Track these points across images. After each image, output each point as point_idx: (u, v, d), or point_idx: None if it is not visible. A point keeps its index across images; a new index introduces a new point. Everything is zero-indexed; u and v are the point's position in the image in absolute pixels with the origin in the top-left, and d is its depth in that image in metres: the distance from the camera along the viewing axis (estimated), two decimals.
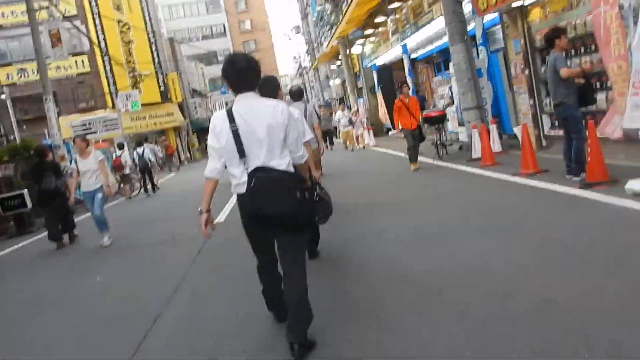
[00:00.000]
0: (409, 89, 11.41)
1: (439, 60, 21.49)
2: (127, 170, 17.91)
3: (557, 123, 8.45)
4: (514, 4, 9.33)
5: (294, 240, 3.37)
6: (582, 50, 8.27)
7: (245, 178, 3.19)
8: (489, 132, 10.17)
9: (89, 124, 27.69)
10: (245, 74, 3.26)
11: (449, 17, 11.54)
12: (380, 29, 22.71)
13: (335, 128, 24.53)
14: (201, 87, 51.66)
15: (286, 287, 3.38)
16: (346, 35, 26.35)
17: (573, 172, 6.64)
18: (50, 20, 18.40)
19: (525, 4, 9.28)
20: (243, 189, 3.22)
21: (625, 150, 7.44)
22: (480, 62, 12.13)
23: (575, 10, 8.36)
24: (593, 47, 7.94)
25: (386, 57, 23.59)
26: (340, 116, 21.46)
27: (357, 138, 21.05)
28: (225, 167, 3.34)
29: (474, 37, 12.63)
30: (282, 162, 3.23)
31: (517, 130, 9.06)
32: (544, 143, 9.84)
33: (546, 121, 9.84)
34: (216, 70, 60.37)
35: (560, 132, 9.36)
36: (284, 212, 3.15)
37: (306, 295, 3.34)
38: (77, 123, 27.26)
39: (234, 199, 3.89)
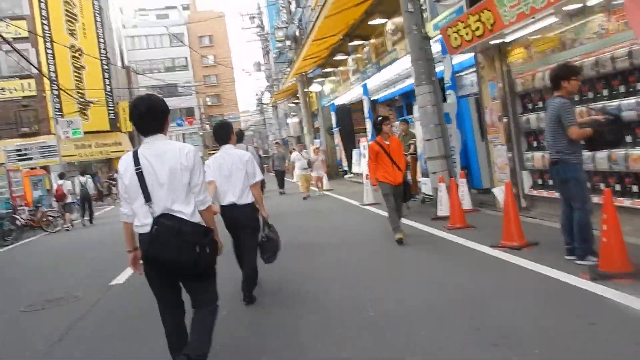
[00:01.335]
0: (391, 126, 8.04)
1: (402, 104, 20.49)
2: (69, 199, 17.61)
3: (553, 184, 6.98)
4: (493, 42, 8.00)
5: (199, 285, 3.41)
6: (590, 95, 6.85)
7: (148, 220, 3.20)
8: (457, 186, 8.70)
9: (25, 149, 25.37)
10: (148, 117, 3.27)
11: (416, 54, 10.20)
12: (340, 68, 21.49)
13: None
14: None
15: (193, 324, 3.40)
16: (305, 73, 25.11)
17: (576, 253, 5.12)
18: None
19: (507, 40, 7.95)
20: (144, 230, 3.22)
21: None
22: (449, 107, 10.80)
23: (567, 52, 7.05)
24: (605, 93, 6.58)
25: (346, 97, 22.40)
26: (296, 157, 17.68)
27: (316, 181, 17.55)
28: None
29: (441, 80, 11.36)
30: (186, 208, 3.23)
31: (497, 192, 7.62)
32: (524, 204, 8.43)
33: (526, 178, 8.44)
34: (175, 102, 59.47)
35: (544, 193, 8.07)
36: (181, 262, 3.18)
37: (206, 339, 3.38)
38: (11, 148, 24.90)
39: None
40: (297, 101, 31.40)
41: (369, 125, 18.76)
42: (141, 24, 67.65)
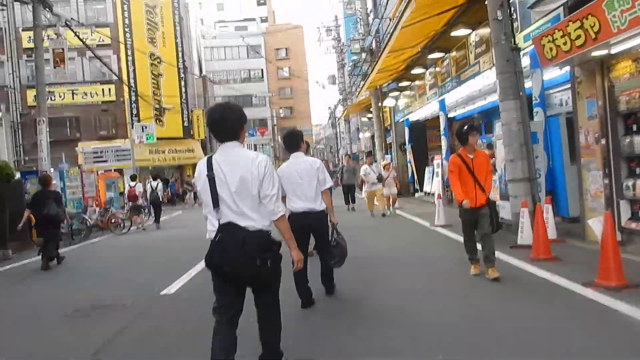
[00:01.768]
0: (477, 137, 6.61)
1: (480, 122, 19.47)
2: (140, 201, 18.25)
3: None
4: (595, 53, 7.07)
5: (260, 295, 3.45)
6: None
7: (214, 227, 3.23)
8: (542, 212, 7.75)
9: (101, 152, 26.10)
10: (221, 124, 3.32)
11: (502, 67, 9.36)
12: (416, 82, 20.72)
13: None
14: None
15: (261, 329, 3.53)
16: (379, 87, 24.47)
17: None
18: (56, 39, 16.76)
19: (612, 52, 7.00)
20: (212, 235, 3.24)
21: None
22: (536, 126, 9.83)
23: None
24: None
25: (421, 112, 21.54)
26: (366, 170, 15.72)
27: (387, 199, 15.74)
28: None
29: (529, 97, 10.42)
30: (254, 219, 3.21)
31: (593, 223, 6.64)
32: (619, 237, 7.39)
33: (625, 208, 7.42)
34: (249, 112, 59.70)
35: None
36: (239, 273, 3.20)
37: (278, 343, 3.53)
38: (88, 150, 25.69)
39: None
40: (370, 115, 30.79)
41: (444, 143, 17.90)
42: (220, 35, 69.33)
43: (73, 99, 33.18)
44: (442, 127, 18.06)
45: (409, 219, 14.27)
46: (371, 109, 27.89)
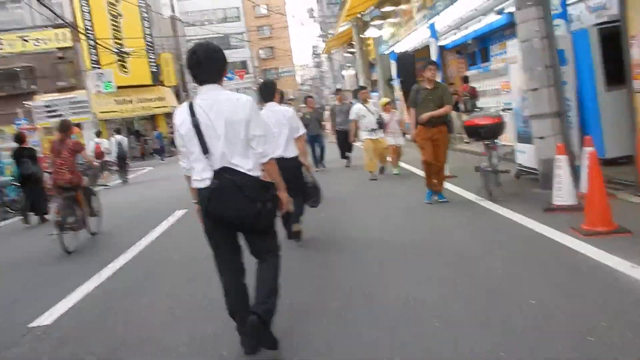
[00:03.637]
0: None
1: (475, 49, 17.04)
2: (107, 157, 17.64)
3: None
4: None
5: (258, 238, 3.31)
6: None
7: (207, 174, 3.10)
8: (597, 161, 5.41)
9: (55, 105, 23.31)
10: (205, 64, 3.15)
11: None
12: (402, 6, 18.00)
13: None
14: None
15: (256, 280, 3.27)
16: (360, 14, 21.66)
17: None
18: None
19: None
20: (203, 184, 3.12)
21: None
22: (564, 42, 7.38)
23: None
24: None
25: (408, 42, 18.95)
26: (361, 111, 10.91)
27: (392, 152, 11.16)
28: None
29: None
30: (246, 162, 3.12)
31: None
32: None
33: None
34: (227, 54, 56.47)
35: None
36: (242, 218, 3.11)
37: (273, 290, 3.25)
38: (39, 104, 22.89)
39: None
40: (352, 50, 28.04)
41: (438, 75, 15.40)
42: None
43: (24, 47, 29.99)
44: (433, 56, 15.47)
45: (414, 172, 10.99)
46: (353, 42, 25.13)
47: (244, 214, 3.08)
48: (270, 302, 3.21)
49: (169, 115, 34.11)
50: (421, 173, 10.17)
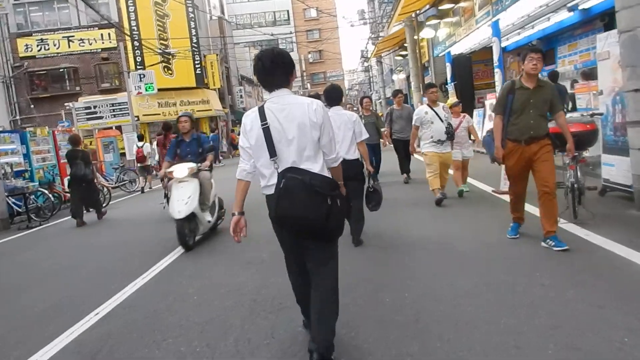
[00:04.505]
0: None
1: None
2: (148, 162, 17.41)
3: None
4: None
5: (324, 249, 3.20)
6: None
7: (274, 180, 3.08)
8: None
9: (95, 107, 22.66)
10: (273, 70, 3.14)
11: None
12: (462, 4, 16.36)
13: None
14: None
15: (314, 295, 3.20)
16: (414, 14, 20.09)
17: None
18: None
19: None
20: (271, 191, 3.10)
21: None
22: None
23: None
24: None
25: (466, 42, 17.32)
26: (425, 116, 8.04)
27: (456, 168, 8.67)
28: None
29: None
30: (315, 166, 3.08)
31: None
32: None
33: None
34: None
35: None
36: (312, 218, 3.00)
37: (335, 309, 3.22)
38: (80, 106, 22.30)
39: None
40: (404, 53, 26.45)
41: (498, 77, 13.75)
42: None
43: (69, 47, 29.75)
44: (495, 58, 13.86)
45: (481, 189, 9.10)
46: (405, 44, 23.56)
47: (314, 213, 2.98)
48: (330, 336, 3.13)
49: (212, 119, 33.34)
50: (489, 188, 8.80)
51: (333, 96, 6.01)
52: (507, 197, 6.24)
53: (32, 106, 29.12)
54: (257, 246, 6.31)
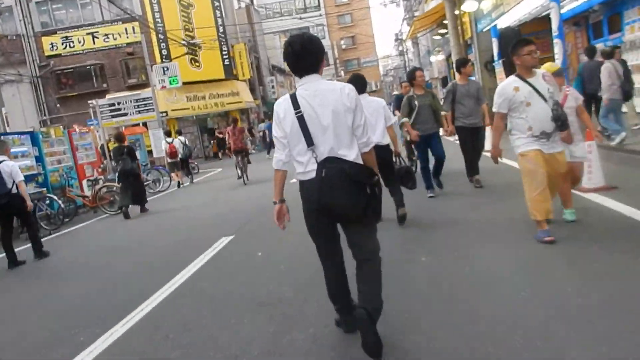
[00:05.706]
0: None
1: (601, 18, 13.61)
2: (179, 157, 17.46)
3: None
4: None
5: (364, 231, 3.22)
6: None
7: (312, 167, 3.08)
8: None
9: (118, 103, 21.62)
10: (303, 56, 3.13)
11: None
12: None
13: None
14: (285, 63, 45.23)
15: (362, 279, 3.20)
16: None
17: None
18: None
19: None
20: (309, 177, 3.10)
21: None
22: None
23: None
24: None
25: (515, 13, 15.48)
26: (516, 94, 4.80)
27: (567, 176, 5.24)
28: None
29: None
30: (351, 152, 3.09)
31: None
32: None
33: None
34: None
35: None
36: (353, 206, 3.04)
37: (379, 291, 3.19)
38: (103, 102, 21.31)
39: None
40: (443, 31, 24.58)
41: (558, 49, 11.91)
42: None
43: (94, 43, 28.90)
44: (554, 26, 11.99)
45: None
46: (445, 21, 21.72)
47: (355, 201, 3.00)
48: (378, 301, 3.14)
49: (243, 111, 32.08)
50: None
51: (359, 84, 5.75)
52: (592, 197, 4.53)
53: (57, 105, 28.44)
54: (276, 273, 4.90)
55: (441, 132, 8.05)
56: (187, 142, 18.41)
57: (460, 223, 6.11)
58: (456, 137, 8.43)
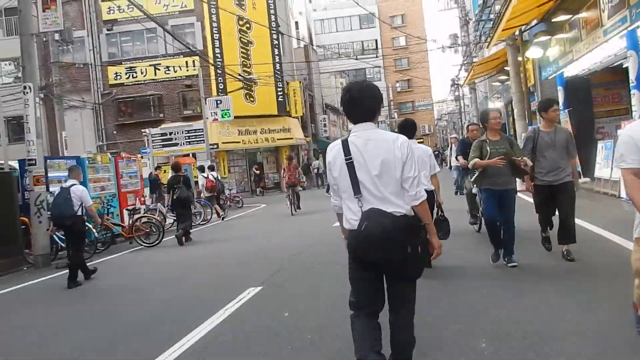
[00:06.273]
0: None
1: None
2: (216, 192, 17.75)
3: None
4: None
5: (402, 288, 3.18)
6: None
7: (356, 216, 3.03)
8: None
9: (170, 133, 21.69)
10: (359, 103, 3.13)
11: None
12: (582, 14, 13.75)
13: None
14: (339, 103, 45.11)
15: (393, 337, 3.19)
16: (519, 31, 17.58)
17: None
18: None
19: None
20: (351, 226, 3.06)
21: None
22: None
23: None
24: None
25: (585, 61, 14.56)
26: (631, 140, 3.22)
27: None
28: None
29: None
30: (399, 203, 3.03)
31: None
32: None
33: None
34: None
35: None
36: (391, 262, 3.01)
37: (411, 348, 3.19)
38: (156, 132, 21.44)
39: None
40: (503, 77, 23.78)
41: (636, 100, 10.99)
42: (331, 5, 64.52)
43: (155, 74, 29.57)
44: (632, 76, 11.10)
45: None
46: (506, 67, 20.93)
47: (393, 257, 2.95)
48: (410, 351, 3.17)
49: (293, 148, 31.90)
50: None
51: (408, 130, 5.99)
52: None
53: (114, 132, 29.05)
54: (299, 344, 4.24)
55: (519, 185, 6.76)
56: (219, 177, 18.89)
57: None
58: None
